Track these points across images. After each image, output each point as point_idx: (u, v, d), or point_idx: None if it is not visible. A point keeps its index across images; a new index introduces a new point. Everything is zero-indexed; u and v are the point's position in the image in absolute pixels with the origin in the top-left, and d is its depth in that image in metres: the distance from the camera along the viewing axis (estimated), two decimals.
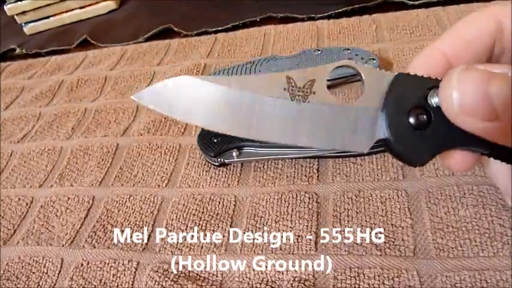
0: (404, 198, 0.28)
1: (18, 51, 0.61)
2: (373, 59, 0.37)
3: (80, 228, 0.32)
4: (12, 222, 0.35)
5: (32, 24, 0.64)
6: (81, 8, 0.63)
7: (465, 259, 0.24)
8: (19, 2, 0.62)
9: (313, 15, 0.48)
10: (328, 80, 0.36)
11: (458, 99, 0.12)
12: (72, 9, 0.63)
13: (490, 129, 0.13)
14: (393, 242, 0.26)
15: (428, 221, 0.26)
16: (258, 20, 0.50)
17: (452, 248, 0.25)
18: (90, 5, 0.63)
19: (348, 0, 0.48)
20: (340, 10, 0.47)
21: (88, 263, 0.30)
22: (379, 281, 0.24)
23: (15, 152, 0.42)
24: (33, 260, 0.31)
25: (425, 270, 0.24)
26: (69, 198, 0.35)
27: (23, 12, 0.63)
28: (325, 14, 0.47)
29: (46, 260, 0.31)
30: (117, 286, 0.28)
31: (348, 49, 0.38)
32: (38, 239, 0.32)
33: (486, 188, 0.27)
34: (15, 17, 0.64)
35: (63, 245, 0.31)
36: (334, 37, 0.44)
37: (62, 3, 0.63)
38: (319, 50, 0.39)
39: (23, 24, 0.65)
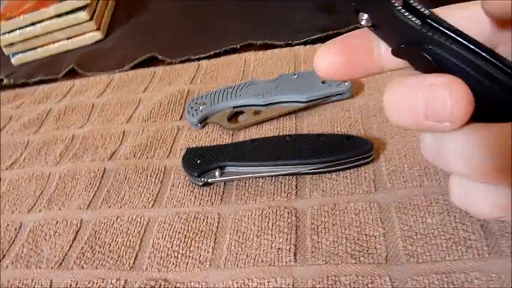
0: (376, 210, 0.30)
1: (5, 81, 0.62)
2: (345, 81, 0.39)
3: (68, 250, 0.33)
4: (1, 248, 0.35)
5: (20, 55, 0.66)
6: (68, 38, 0.65)
7: (433, 263, 0.26)
8: (7, 34, 0.64)
9: (291, 42, 0.50)
10: (303, 102, 0.39)
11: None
12: (59, 40, 0.65)
13: None
14: (367, 250, 0.28)
15: (399, 230, 0.28)
16: (238, 47, 0.53)
17: (421, 253, 0.27)
18: (76, 35, 0.65)
19: (322, 27, 0.51)
20: (315, 37, 0.50)
21: (77, 284, 0.31)
22: (354, 287, 0.26)
23: (4, 179, 0.43)
24: (23, 283, 0.32)
25: (397, 275, 0.26)
26: (57, 222, 0.36)
27: (11, 44, 0.65)
28: (302, 41, 0.50)
29: (35, 282, 0.32)
30: None
31: None
32: (27, 263, 0.33)
33: None
34: (3, 48, 0.66)
35: (52, 267, 0.32)
36: (310, 62, 0.47)
37: (49, 34, 0.65)
38: (295, 74, 0.41)
39: (11, 55, 0.66)
